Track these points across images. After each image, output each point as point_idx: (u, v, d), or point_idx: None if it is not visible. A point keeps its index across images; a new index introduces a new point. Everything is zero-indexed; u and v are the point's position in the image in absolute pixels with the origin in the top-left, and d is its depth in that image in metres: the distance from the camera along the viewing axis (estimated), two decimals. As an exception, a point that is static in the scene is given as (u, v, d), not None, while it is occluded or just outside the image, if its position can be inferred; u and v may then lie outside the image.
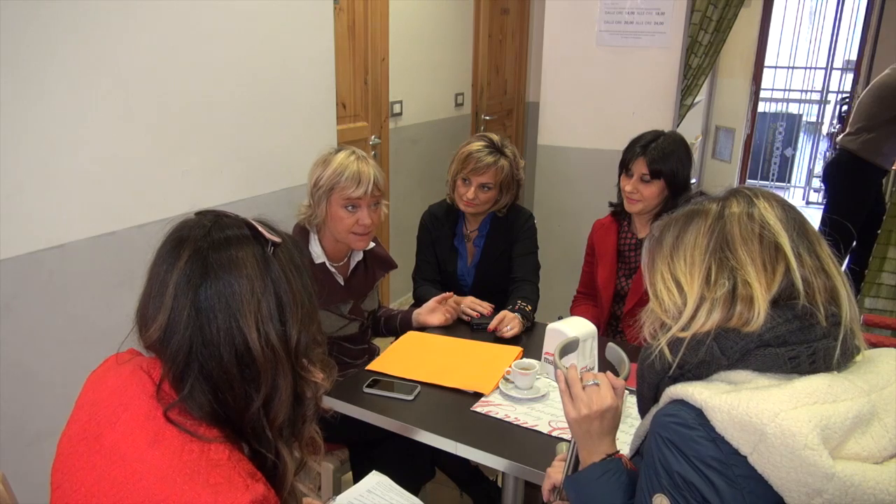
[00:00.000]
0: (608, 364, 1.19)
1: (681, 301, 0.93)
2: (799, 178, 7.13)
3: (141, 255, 0.91)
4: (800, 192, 7.06)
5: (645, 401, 1.00)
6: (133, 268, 1.57)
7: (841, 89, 6.69)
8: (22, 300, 1.53)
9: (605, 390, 1.07)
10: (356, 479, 1.79)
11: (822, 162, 6.52)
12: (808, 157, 7.08)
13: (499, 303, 2.08)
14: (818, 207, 6.34)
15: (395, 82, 3.47)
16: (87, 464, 0.81)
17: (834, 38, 6.71)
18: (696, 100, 4.09)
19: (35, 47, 1.48)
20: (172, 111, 1.84)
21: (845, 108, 5.57)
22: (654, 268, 0.98)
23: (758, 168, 7.00)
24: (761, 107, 6.63)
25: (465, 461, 1.88)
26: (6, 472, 1.17)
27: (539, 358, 1.73)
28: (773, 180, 7.00)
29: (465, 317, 2.03)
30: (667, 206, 1.99)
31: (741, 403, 0.81)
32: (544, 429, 1.46)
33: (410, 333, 1.95)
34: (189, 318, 0.81)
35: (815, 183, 6.89)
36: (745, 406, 0.81)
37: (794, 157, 7.02)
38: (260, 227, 0.89)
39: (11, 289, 1.51)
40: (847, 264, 3.46)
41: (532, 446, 1.41)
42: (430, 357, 1.79)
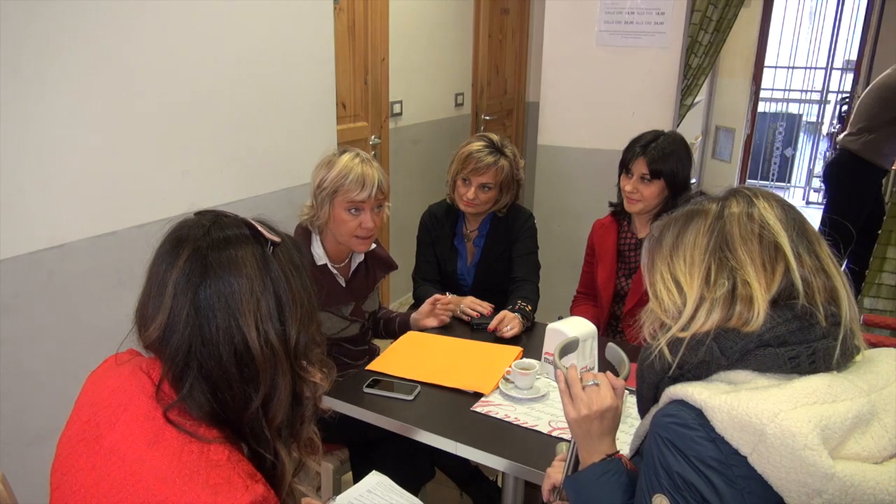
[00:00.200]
0: (608, 364, 1.19)
1: (680, 301, 0.93)
2: (799, 178, 7.13)
3: (141, 255, 0.91)
4: (800, 192, 7.06)
5: (645, 401, 1.00)
6: (133, 268, 1.57)
7: (841, 89, 6.69)
8: (22, 300, 1.53)
9: (605, 390, 1.07)
10: (356, 479, 1.79)
11: (822, 162, 6.52)
12: (808, 157, 7.08)
13: (499, 303, 2.08)
14: (818, 207, 6.34)
15: (395, 82, 3.47)
16: (86, 464, 0.81)
17: (834, 38, 6.71)
18: (696, 100, 4.09)
19: (36, 47, 1.48)
20: (172, 111, 1.84)
21: (845, 108, 5.57)
22: (653, 268, 0.98)
23: (758, 168, 6.99)
24: (761, 107, 6.63)
25: (465, 461, 1.88)
26: (6, 472, 1.17)
27: (539, 358, 1.73)
28: (773, 180, 7.00)
29: (464, 317, 2.03)
30: (667, 206, 1.99)
31: (741, 404, 0.81)
32: (544, 429, 1.46)
33: (410, 333, 1.95)
34: (188, 317, 0.81)
35: (815, 183, 6.89)
36: (745, 406, 0.81)
37: (794, 157, 7.02)
38: (259, 227, 0.89)
39: (11, 289, 1.51)
40: (847, 264, 3.46)
41: (532, 446, 1.41)
42: (430, 357, 1.79)
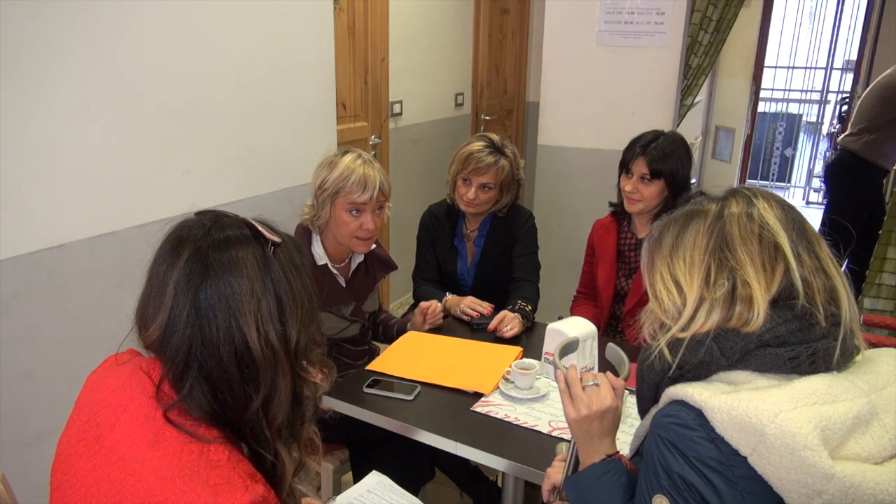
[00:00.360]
0: (608, 364, 1.19)
1: (680, 301, 0.93)
2: (799, 178, 7.13)
3: (141, 255, 0.91)
4: (800, 192, 7.06)
5: (645, 401, 1.00)
6: (133, 268, 1.57)
7: (841, 89, 6.69)
8: (22, 300, 1.53)
9: (605, 391, 1.07)
10: (356, 479, 1.79)
11: (822, 162, 6.51)
12: (808, 157, 7.08)
13: (499, 303, 2.08)
14: (818, 207, 6.33)
15: (395, 82, 3.47)
16: (86, 464, 0.81)
17: (834, 38, 6.71)
18: (696, 100, 4.09)
19: (35, 47, 1.48)
20: (172, 111, 1.84)
21: (845, 108, 5.57)
22: (653, 268, 0.98)
23: (758, 168, 6.99)
24: (761, 107, 6.62)
25: (465, 461, 1.88)
26: (6, 472, 1.17)
27: (539, 358, 1.73)
28: (773, 180, 7.00)
29: (464, 317, 2.03)
30: (667, 206, 1.99)
31: (741, 404, 0.81)
32: (544, 429, 1.46)
33: (410, 333, 1.95)
34: (189, 317, 0.81)
35: (815, 183, 6.89)
36: (745, 406, 0.81)
37: (794, 157, 7.02)
38: (260, 228, 0.89)
39: (11, 289, 1.51)
40: (847, 265, 3.46)
41: (532, 446, 1.41)
42: (430, 357, 1.79)
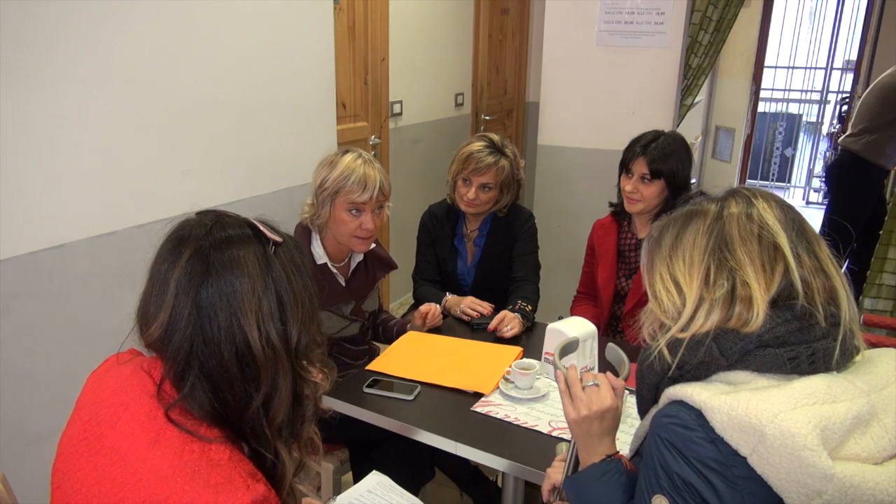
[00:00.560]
0: (608, 364, 1.19)
1: (680, 302, 0.93)
2: (799, 178, 7.12)
3: (141, 255, 0.91)
4: (800, 192, 7.06)
5: (644, 401, 1.00)
6: (133, 268, 1.58)
7: (841, 89, 6.69)
8: (22, 300, 1.53)
9: (604, 391, 1.07)
10: (356, 479, 1.79)
11: (822, 162, 6.51)
12: (808, 157, 7.08)
13: (499, 303, 2.08)
14: (818, 207, 6.34)
15: (395, 82, 3.47)
16: (87, 464, 0.81)
17: (834, 38, 6.71)
18: (696, 100, 4.09)
19: (35, 47, 1.48)
20: (173, 111, 1.84)
21: (845, 108, 5.57)
22: (652, 268, 0.98)
23: (758, 168, 6.99)
24: (761, 107, 6.62)
25: (465, 461, 1.88)
26: (6, 472, 1.17)
27: (539, 358, 1.73)
28: (773, 180, 7.00)
29: (465, 317, 2.04)
30: (667, 206, 1.99)
31: (740, 404, 0.81)
32: (544, 429, 1.46)
33: (410, 333, 1.95)
34: (190, 316, 0.82)
35: (815, 183, 6.89)
36: (745, 407, 0.81)
37: (794, 157, 7.02)
38: (261, 227, 0.89)
39: (11, 289, 1.51)
40: (847, 265, 3.45)
41: (532, 446, 1.41)
42: (430, 357, 1.79)
